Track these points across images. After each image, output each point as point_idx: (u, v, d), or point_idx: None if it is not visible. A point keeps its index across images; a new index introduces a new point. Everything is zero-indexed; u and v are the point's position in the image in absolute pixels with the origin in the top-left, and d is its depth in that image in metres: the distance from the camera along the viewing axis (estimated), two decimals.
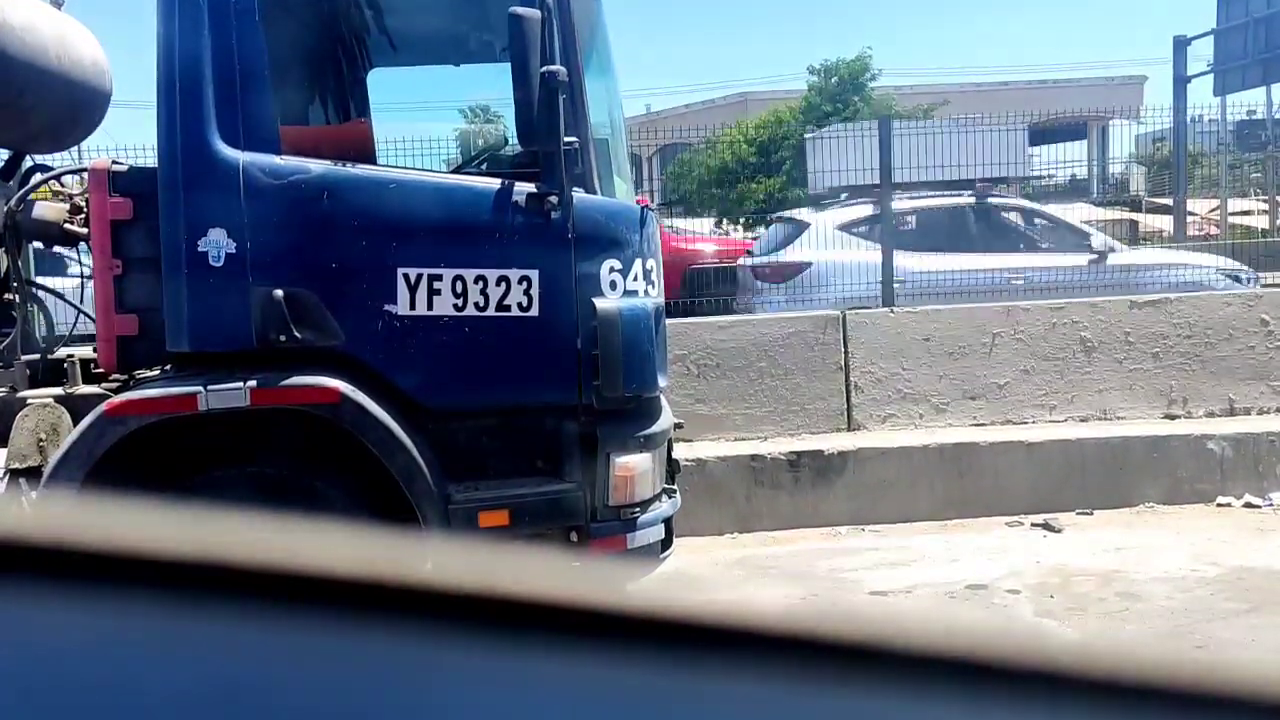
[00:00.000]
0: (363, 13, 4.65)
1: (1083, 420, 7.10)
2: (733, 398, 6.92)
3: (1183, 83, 20.18)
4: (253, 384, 3.58)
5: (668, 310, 4.38)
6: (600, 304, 3.80)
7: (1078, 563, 5.53)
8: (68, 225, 4.25)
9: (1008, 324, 7.18)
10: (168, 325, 3.74)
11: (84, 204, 4.18)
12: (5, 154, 5.12)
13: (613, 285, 3.86)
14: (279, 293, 3.65)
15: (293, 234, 3.74)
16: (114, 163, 3.95)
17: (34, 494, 3.68)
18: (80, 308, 4.58)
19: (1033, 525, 6.26)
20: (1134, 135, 24.16)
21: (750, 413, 6.92)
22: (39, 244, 4.61)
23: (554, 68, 3.64)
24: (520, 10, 3.63)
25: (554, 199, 3.75)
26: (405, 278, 3.73)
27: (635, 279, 3.92)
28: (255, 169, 3.69)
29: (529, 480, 3.87)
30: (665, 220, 14.69)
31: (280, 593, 0.54)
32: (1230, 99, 20.68)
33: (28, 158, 5.07)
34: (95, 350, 4.04)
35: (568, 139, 3.72)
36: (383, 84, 5.35)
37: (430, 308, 3.75)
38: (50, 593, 0.53)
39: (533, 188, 3.78)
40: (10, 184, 4.80)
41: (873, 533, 6.29)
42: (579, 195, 3.82)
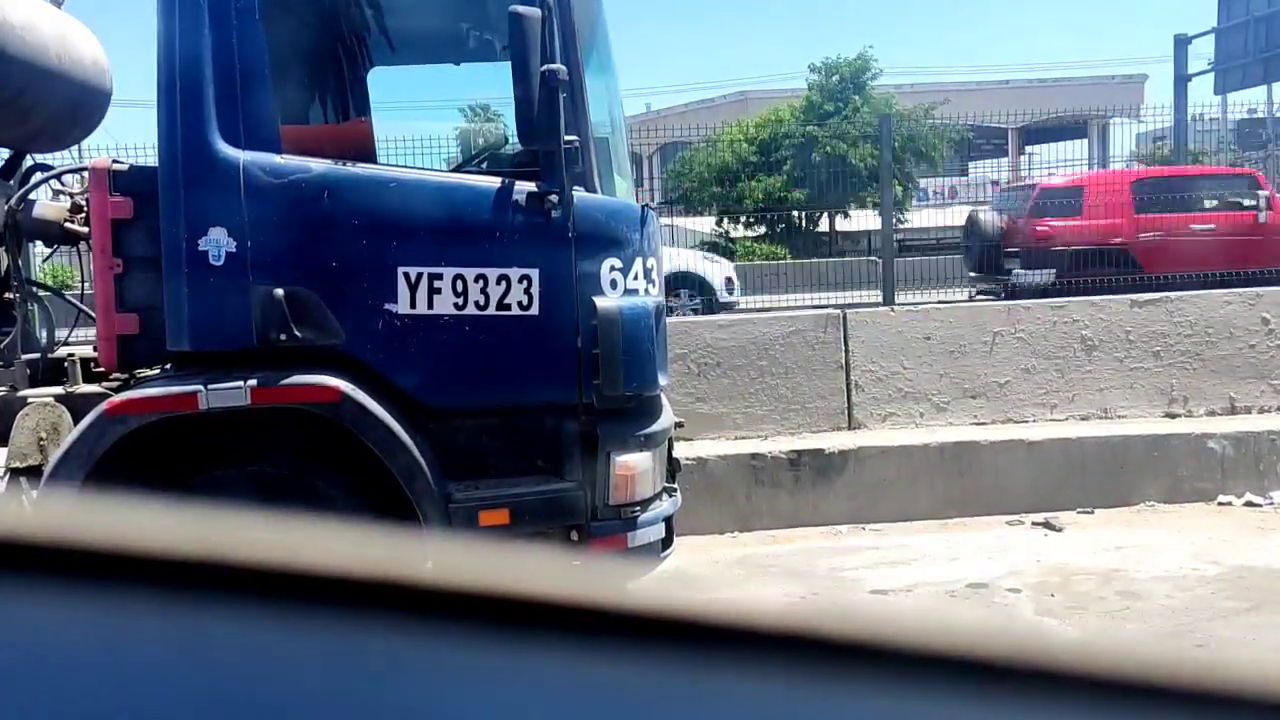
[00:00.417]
0: (363, 11, 4.65)
1: (1083, 419, 7.10)
2: (733, 396, 6.91)
3: (1183, 81, 20.17)
4: (253, 383, 3.58)
5: None
6: (601, 303, 3.80)
7: (1078, 561, 5.53)
8: (68, 224, 4.25)
9: (1008, 323, 7.17)
10: (168, 324, 3.74)
11: (84, 203, 4.18)
12: (6, 153, 5.12)
13: (613, 284, 3.86)
14: (279, 292, 3.65)
15: (293, 233, 3.74)
16: (114, 162, 3.95)
17: (34, 493, 3.68)
18: (81, 307, 4.58)
19: (1033, 524, 6.25)
20: (1134, 134, 24.17)
21: (751, 411, 6.92)
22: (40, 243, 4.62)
23: (554, 66, 3.64)
24: (520, 9, 3.62)
25: (554, 198, 3.75)
26: (406, 277, 3.73)
27: (636, 278, 3.92)
28: (256, 168, 3.69)
29: (529, 479, 3.87)
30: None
31: (281, 592, 0.54)
32: (1231, 98, 20.70)
33: (28, 157, 5.07)
34: (95, 349, 4.04)
35: (568, 138, 3.72)
36: (383, 83, 5.35)
37: (431, 307, 3.75)
38: (51, 592, 0.53)
39: (533, 186, 3.77)
40: (11, 183, 4.80)
41: (873, 531, 6.29)
42: (579, 194, 3.82)
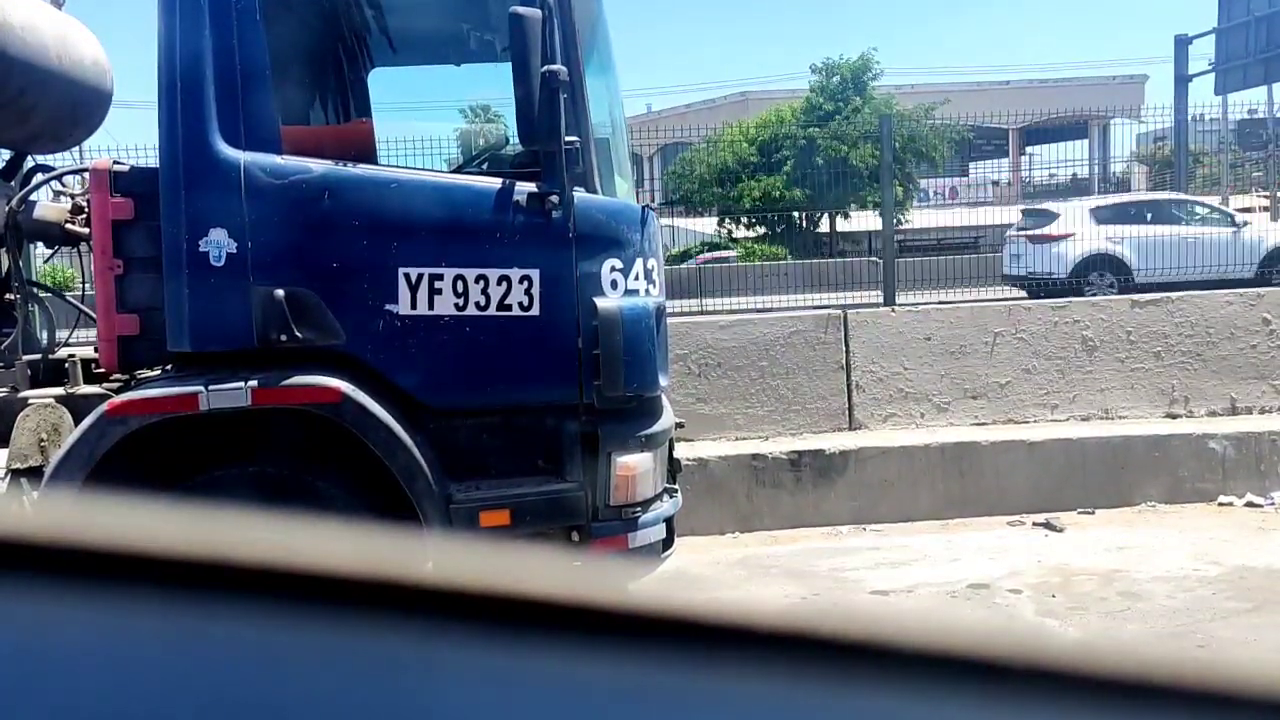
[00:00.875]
0: (364, 12, 4.65)
1: (1084, 419, 7.10)
2: (734, 397, 6.91)
3: (1184, 82, 20.17)
4: (254, 384, 3.58)
5: None
6: (601, 303, 3.80)
7: (1079, 562, 5.53)
8: (69, 225, 4.26)
9: (1009, 323, 7.17)
10: (169, 325, 3.74)
11: (85, 204, 4.18)
12: (6, 154, 5.13)
13: (614, 284, 3.86)
14: (280, 292, 3.65)
15: (294, 234, 3.74)
16: (115, 163, 3.95)
17: (35, 494, 3.68)
18: (82, 307, 4.58)
19: (1034, 524, 6.25)
20: (1135, 134, 24.18)
21: (751, 412, 6.92)
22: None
23: (555, 67, 3.64)
24: (521, 10, 3.63)
25: (555, 198, 3.75)
26: (406, 277, 3.73)
27: (636, 278, 3.92)
28: (256, 169, 3.69)
29: (530, 479, 3.87)
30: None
31: (282, 592, 0.54)
32: (1231, 98, 20.69)
33: (29, 157, 5.07)
34: (96, 350, 4.04)
35: (568, 138, 3.72)
36: (384, 83, 5.35)
37: (431, 307, 3.75)
38: (52, 592, 0.53)
39: (533, 187, 3.78)
40: (11, 184, 4.80)
41: (874, 532, 6.29)
42: (580, 194, 3.82)
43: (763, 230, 21.70)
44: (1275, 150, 23.22)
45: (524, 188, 3.79)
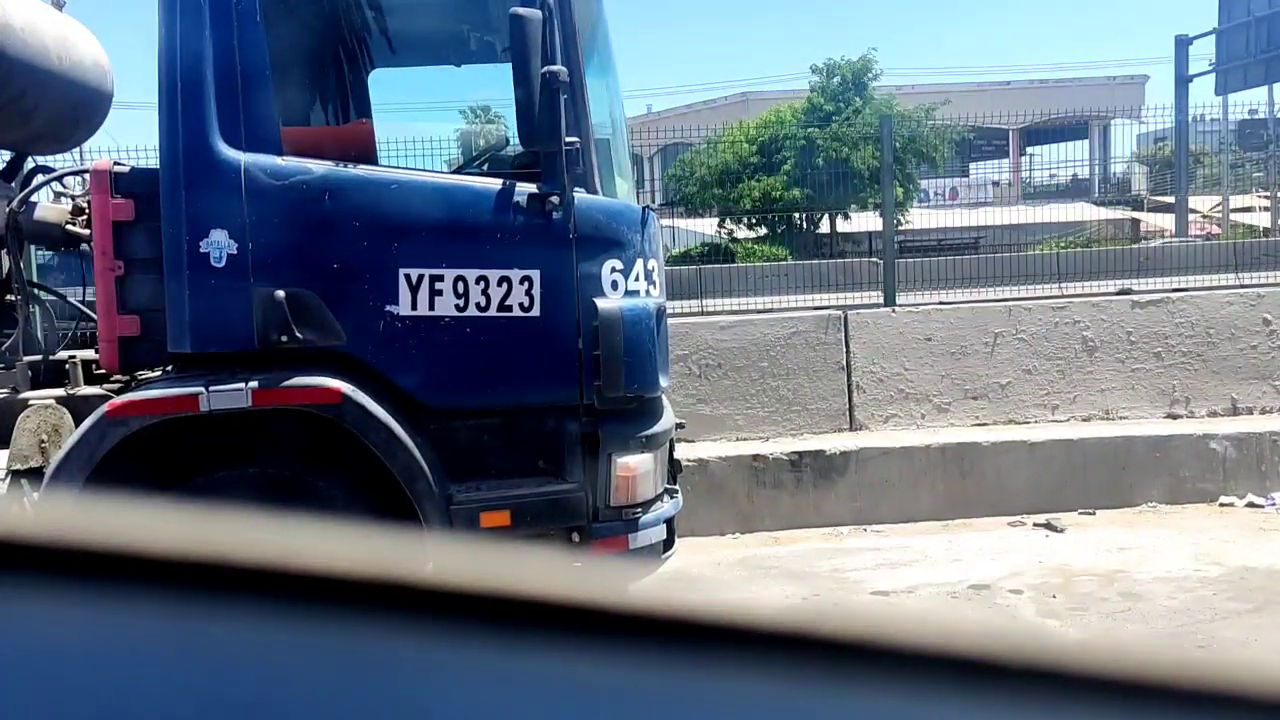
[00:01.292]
0: (364, 13, 4.65)
1: (1085, 420, 7.10)
2: (734, 398, 6.92)
3: (1184, 82, 20.15)
4: (254, 385, 3.58)
5: None
6: (602, 304, 3.80)
7: (1080, 563, 5.53)
8: (70, 226, 4.25)
9: (1009, 324, 7.17)
10: (169, 326, 3.74)
11: (86, 205, 4.18)
12: (7, 155, 5.13)
13: (614, 285, 3.86)
14: (280, 293, 3.65)
15: (294, 235, 3.74)
16: (116, 164, 3.95)
17: (36, 494, 3.68)
18: (83, 308, 4.58)
19: (1035, 525, 6.25)
20: (1135, 135, 24.17)
21: (752, 413, 6.92)
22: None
23: (555, 68, 3.64)
24: (521, 10, 3.63)
25: (555, 199, 3.75)
26: (407, 278, 3.73)
27: (637, 279, 3.92)
28: (257, 170, 3.69)
29: (530, 480, 3.87)
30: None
31: (282, 593, 0.54)
32: (1232, 98, 20.67)
33: (29, 159, 5.07)
34: (97, 351, 4.04)
35: (569, 139, 3.72)
36: (384, 84, 5.35)
37: (432, 308, 3.75)
38: (53, 593, 0.53)
39: (534, 188, 3.78)
40: (12, 185, 4.80)
41: (874, 533, 6.29)
42: (580, 195, 3.82)
43: (763, 231, 21.69)
44: (1276, 151, 23.22)
45: (524, 188, 3.79)
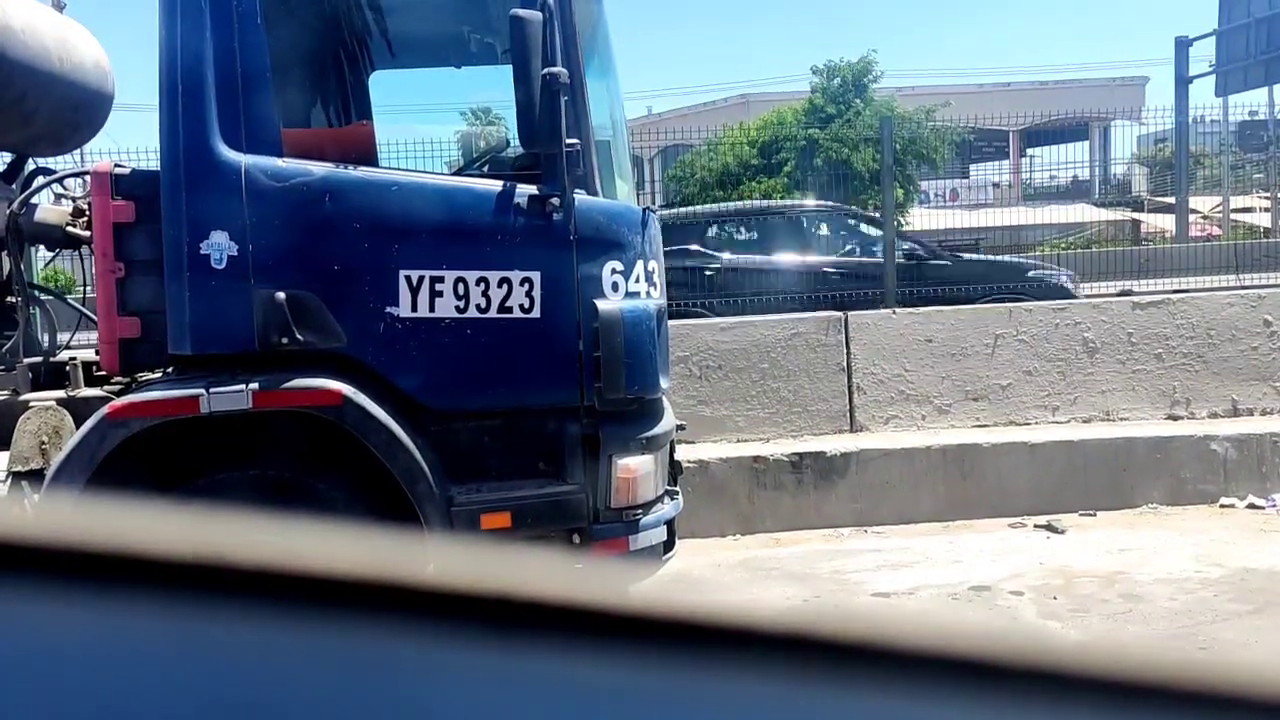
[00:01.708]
0: (365, 15, 4.65)
1: (1085, 421, 7.10)
2: (735, 399, 6.91)
3: (1184, 83, 20.16)
4: (255, 386, 3.58)
5: None
6: (602, 306, 3.80)
7: (1081, 564, 5.52)
8: (70, 228, 4.26)
9: (1010, 325, 7.17)
10: (170, 328, 3.74)
11: (86, 207, 4.18)
12: (7, 157, 5.13)
13: (614, 287, 3.86)
14: (281, 295, 3.65)
15: (295, 236, 3.74)
16: (116, 165, 3.95)
17: (36, 496, 3.68)
18: (83, 310, 4.58)
19: (1035, 526, 6.25)
20: (1136, 136, 24.16)
21: (752, 414, 6.92)
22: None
23: (555, 69, 3.64)
24: (521, 12, 3.63)
25: (555, 201, 3.75)
26: (407, 280, 3.73)
27: (637, 280, 3.92)
28: (257, 171, 3.70)
29: (531, 482, 3.87)
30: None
31: (283, 595, 0.54)
32: (1232, 100, 20.67)
33: (30, 160, 5.08)
34: (97, 353, 4.04)
35: (569, 141, 3.72)
36: (385, 86, 5.35)
37: (432, 310, 3.75)
38: (54, 595, 0.53)
39: (534, 190, 3.78)
40: (13, 187, 4.81)
41: (875, 534, 6.29)
42: (580, 197, 3.82)
43: None
44: (1276, 152, 23.22)
45: (525, 190, 3.79)
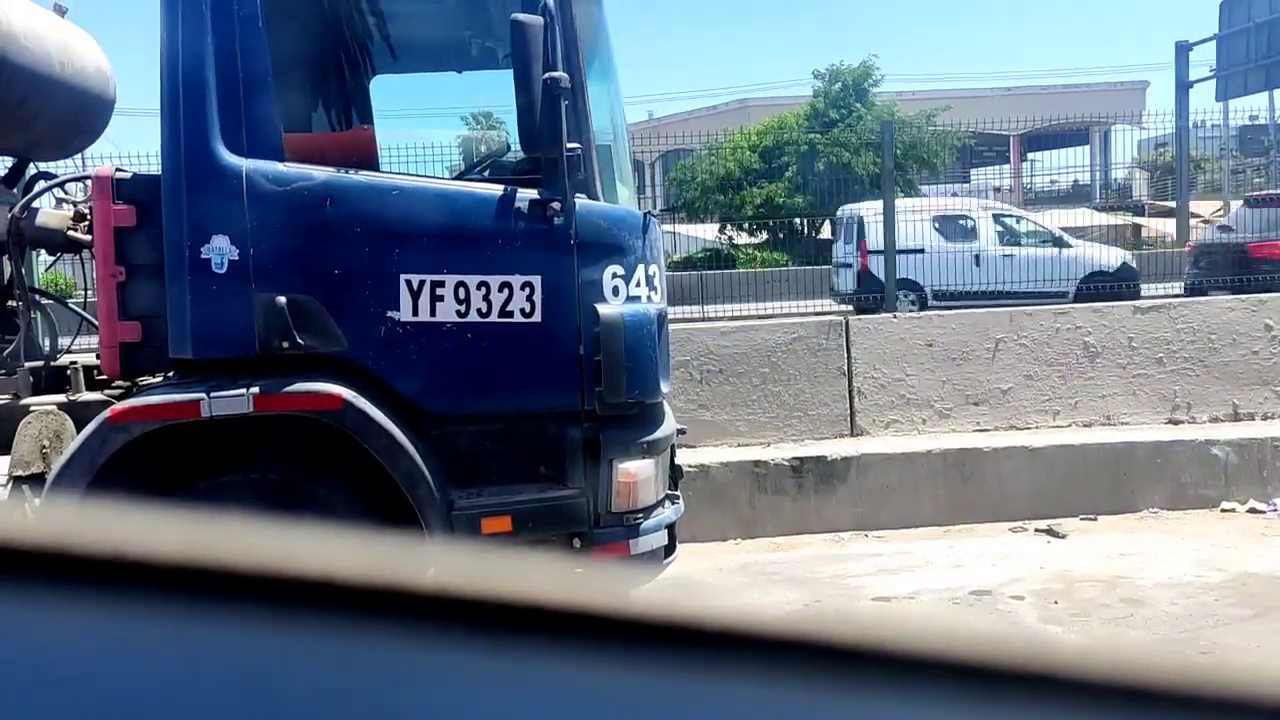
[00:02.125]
0: (366, 20, 4.66)
1: (1086, 425, 7.09)
2: (736, 403, 6.91)
3: (1185, 88, 20.17)
4: (256, 390, 3.58)
5: None
6: (603, 310, 3.80)
7: (1081, 568, 5.52)
8: (71, 232, 4.26)
9: (1011, 329, 7.17)
10: (171, 332, 3.74)
11: (87, 211, 4.18)
12: (9, 161, 5.14)
13: (615, 291, 3.86)
14: (282, 299, 3.66)
15: (296, 240, 3.74)
16: (117, 170, 3.95)
17: (37, 500, 3.68)
18: (84, 315, 4.58)
19: (1036, 531, 6.25)
20: (1136, 140, 24.20)
21: (753, 418, 6.92)
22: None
23: (556, 74, 3.64)
24: (522, 17, 3.63)
25: (556, 205, 3.76)
26: (408, 284, 3.74)
27: (638, 285, 3.93)
28: (259, 175, 3.70)
29: (532, 486, 3.86)
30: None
31: (283, 598, 0.54)
32: (1232, 104, 20.70)
33: (31, 165, 5.08)
34: (98, 357, 4.05)
35: (570, 145, 3.72)
36: (386, 90, 5.36)
37: (433, 314, 3.75)
38: (54, 598, 0.53)
39: (535, 194, 3.78)
40: (14, 191, 4.81)
41: (876, 538, 6.28)
42: (581, 201, 3.82)
43: (764, 237, 21.70)
44: (1276, 156, 23.24)
45: (525, 194, 3.79)
